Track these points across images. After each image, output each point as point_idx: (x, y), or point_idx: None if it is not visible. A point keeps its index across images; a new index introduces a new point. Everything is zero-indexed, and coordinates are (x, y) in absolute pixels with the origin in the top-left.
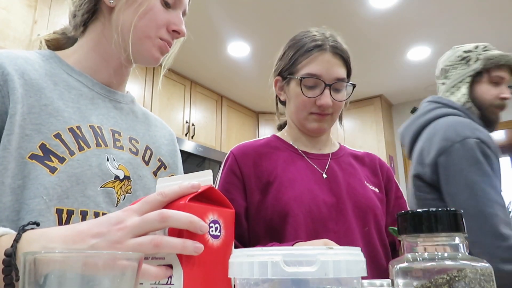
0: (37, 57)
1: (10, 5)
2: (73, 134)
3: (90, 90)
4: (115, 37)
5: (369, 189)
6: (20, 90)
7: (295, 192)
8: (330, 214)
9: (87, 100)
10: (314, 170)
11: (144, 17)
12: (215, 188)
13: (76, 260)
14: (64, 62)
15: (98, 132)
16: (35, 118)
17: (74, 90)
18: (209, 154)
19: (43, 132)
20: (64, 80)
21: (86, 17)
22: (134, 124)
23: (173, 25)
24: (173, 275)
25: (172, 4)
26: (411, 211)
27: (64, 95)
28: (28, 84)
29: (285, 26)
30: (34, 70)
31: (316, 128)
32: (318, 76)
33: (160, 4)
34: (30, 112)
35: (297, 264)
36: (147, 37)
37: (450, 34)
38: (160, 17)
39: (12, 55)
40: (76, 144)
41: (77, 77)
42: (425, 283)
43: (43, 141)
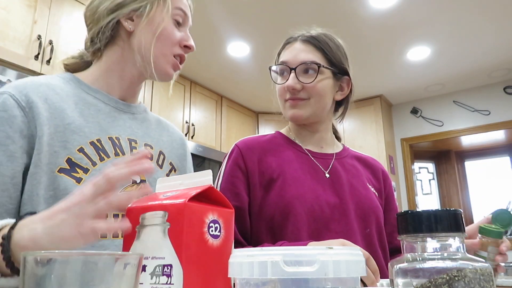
0: (58, 81)
1: (10, 5)
2: (94, 147)
3: (107, 105)
4: (137, 58)
5: (371, 191)
6: (45, 114)
7: (298, 190)
8: (332, 214)
9: (105, 114)
10: (317, 169)
11: (161, 37)
12: (215, 188)
13: (76, 260)
14: (82, 82)
15: (116, 142)
16: (60, 137)
17: (93, 106)
18: (209, 154)
19: (68, 148)
20: (83, 98)
21: (105, 43)
22: (148, 131)
23: (185, 41)
24: (173, 275)
25: (182, 23)
26: (411, 211)
27: (84, 112)
28: (52, 107)
29: (285, 26)
30: (56, 94)
31: (291, 114)
32: (284, 62)
33: (172, 25)
34: (56, 132)
35: (297, 264)
36: (163, 55)
37: (450, 34)
38: (174, 36)
39: (36, 83)
40: (97, 155)
41: (94, 95)
42: (425, 283)
43: (69, 156)
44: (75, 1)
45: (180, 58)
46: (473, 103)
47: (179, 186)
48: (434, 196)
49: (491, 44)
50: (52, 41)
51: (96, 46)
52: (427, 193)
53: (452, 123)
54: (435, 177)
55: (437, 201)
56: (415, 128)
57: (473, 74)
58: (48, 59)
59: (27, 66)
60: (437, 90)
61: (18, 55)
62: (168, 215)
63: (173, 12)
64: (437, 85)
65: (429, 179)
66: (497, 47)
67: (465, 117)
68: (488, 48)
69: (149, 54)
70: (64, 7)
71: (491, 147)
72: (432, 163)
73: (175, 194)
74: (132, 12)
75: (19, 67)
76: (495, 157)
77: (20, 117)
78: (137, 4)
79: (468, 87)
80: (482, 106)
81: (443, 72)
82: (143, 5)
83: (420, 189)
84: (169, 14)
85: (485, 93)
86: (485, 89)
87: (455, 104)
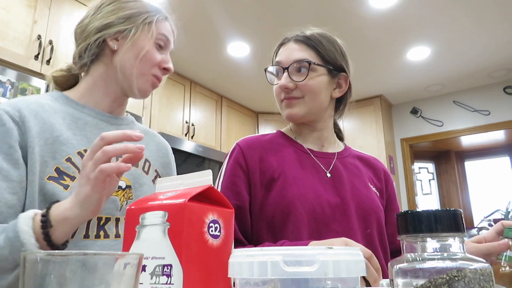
0: (48, 99)
1: (10, 5)
2: (81, 156)
3: (94, 118)
4: (118, 75)
5: (372, 190)
6: (36, 128)
7: (299, 190)
8: (333, 214)
9: (92, 127)
10: (318, 169)
11: (143, 59)
12: (215, 188)
13: (76, 260)
14: (70, 99)
15: None
16: (50, 148)
17: (80, 120)
18: (209, 154)
19: (57, 158)
20: (70, 114)
21: (92, 59)
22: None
23: (164, 63)
24: (173, 275)
25: (164, 46)
26: (411, 211)
27: (71, 126)
28: (41, 122)
29: (285, 26)
30: (45, 111)
31: (287, 114)
32: (278, 62)
33: (154, 48)
34: (45, 144)
35: (297, 264)
36: (143, 75)
37: (450, 34)
38: (154, 58)
39: (27, 101)
40: None
41: (82, 109)
42: (425, 283)
43: (57, 165)
44: (75, 1)
45: (158, 78)
46: (473, 103)
47: (179, 186)
48: (434, 196)
49: (491, 44)
50: (52, 41)
51: (83, 61)
52: (427, 193)
53: (452, 123)
54: (435, 177)
55: (437, 201)
56: (415, 128)
57: (473, 74)
58: (48, 59)
59: (27, 66)
60: (437, 90)
61: (18, 55)
62: (168, 215)
63: (156, 37)
64: (437, 85)
65: (429, 179)
66: (497, 47)
67: (465, 117)
68: (488, 48)
69: (130, 73)
70: (64, 7)
71: (491, 147)
72: (432, 163)
73: (175, 194)
74: (118, 33)
75: (19, 67)
76: (495, 157)
77: (16, 130)
78: (123, 26)
79: (468, 87)
80: (482, 106)
81: (443, 72)
82: (128, 28)
83: (420, 189)
84: (152, 39)
85: (485, 93)
86: (485, 89)
87: (455, 104)
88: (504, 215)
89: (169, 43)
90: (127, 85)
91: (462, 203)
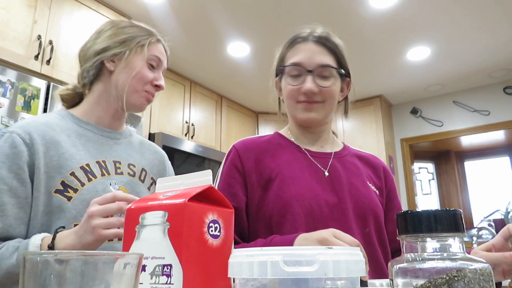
0: (56, 118)
1: (10, 5)
2: (83, 170)
3: (95, 134)
4: (113, 92)
5: (371, 189)
6: (42, 148)
7: (297, 190)
8: (331, 213)
9: (93, 142)
10: (316, 169)
11: (135, 77)
12: (215, 188)
13: (76, 260)
14: (75, 117)
15: (103, 165)
16: (56, 164)
17: (83, 137)
18: (208, 154)
19: (62, 172)
20: (75, 131)
21: (92, 78)
22: (131, 152)
23: (156, 81)
24: (173, 275)
25: (156, 66)
26: (411, 211)
27: (75, 143)
28: (48, 142)
29: (285, 26)
30: (52, 130)
31: (306, 117)
32: (299, 63)
33: (146, 68)
34: (51, 161)
35: (297, 264)
36: (136, 91)
37: (450, 34)
38: (146, 76)
39: (36, 123)
40: (86, 177)
41: (85, 126)
42: (425, 283)
43: (63, 179)
44: (75, 1)
45: (151, 94)
46: (473, 103)
47: (179, 186)
48: (434, 196)
49: (491, 44)
50: (52, 41)
51: (85, 81)
52: (427, 193)
53: (452, 123)
54: (435, 177)
55: (437, 201)
56: (415, 128)
57: (473, 74)
58: (48, 59)
59: (27, 66)
60: (437, 90)
61: (18, 55)
62: (168, 215)
63: (148, 58)
64: (437, 85)
65: (429, 179)
66: (497, 47)
67: (465, 117)
68: (488, 48)
69: (123, 90)
70: (64, 7)
71: (490, 147)
72: (432, 163)
73: (175, 194)
74: (114, 56)
75: (19, 67)
76: (495, 157)
77: (26, 152)
78: (118, 49)
79: (468, 87)
80: (482, 106)
81: (443, 72)
82: (123, 50)
83: (420, 189)
84: (144, 60)
85: (485, 93)
86: (485, 89)
87: (455, 104)
88: (504, 215)
89: (161, 63)
90: (122, 101)
91: (462, 203)
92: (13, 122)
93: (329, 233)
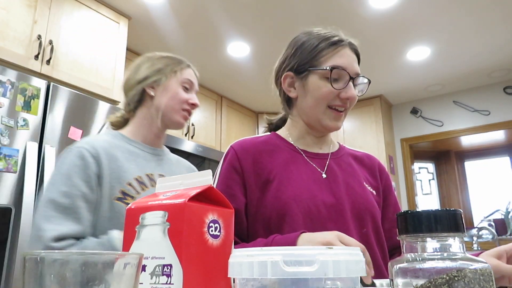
0: (110, 137)
1: (10, 5)
2: (137, 181)
3: (142, 151)
4: (155, 114)
5: (367, 190)
6: (105, 161)
7: (295, 191)
8: (329, 214)
9: (141, 158)
10: (313, 170)
11: (173, 98)
12: (215, 188)
13: (76, 260)
14: (125, 137)
15: (151, 177)
16: (116, 175)
17: (133, 153)
18: (209, 154)
19: (121, 183)
20: (126, 148)
21: (137, 105)
22: (171, 168)
23: (191, 100)
24: (173, 275)
25: (189, 88)
26: (411, 211)
27: (128, 158)
28: (109, 156)
29: (285, 26)
30: (110, 147)
31: (334, 126)
32: (344, 68)
33: (181, 89)
34: (113, 172)
35: (297, 264)
36: (174, 111)
37: (450, 34)
38: (182, 97)
39: (99, 140)
40: (139, 187)
41: (134, 144)
42: (425, 283)
43: (122, 189)
44: (75, 1)
45: (188, 112)
46: (473, 103)
47: (179, 186)
48: (434, 196)
49: (491, 44)
50: (52, 41)
51: (130, 107)
52: (427, 193)
53: (452, 123)
54: (435, 177)
55: (437, 201)
56: (415, 128)
57: (473, 74)
58: (48, 59)
59: (27, 66)
60: (437, 90)
61: (18, 55)
62: (168, 215)
63: (182, 81)
64: (437, 85)
65: (429, 179)
66: (497, 47)
67: (465, 117)
68: (488, 48)
69: (164, 110)
70: (64, 7)
71: (491, 147)
72: (432, 163)
73: (175, 194)
74: (153, 83)
75: (19, 67)
76: (495, 157)
77: (93, 163)
78: (156, 77)
79: (468, 87)
80: (482, 106)
81: (443, 72)
82: (160, 77)
83: (420, 189)
84: (178, 83)
85: (485, 93)
86: (485, 89)
87: (455, 104)
88: (504, 215)
89: (193, 84)
90: (163, 120)
91: (462, 203)
92: (13, 122)
93: (333, 236)
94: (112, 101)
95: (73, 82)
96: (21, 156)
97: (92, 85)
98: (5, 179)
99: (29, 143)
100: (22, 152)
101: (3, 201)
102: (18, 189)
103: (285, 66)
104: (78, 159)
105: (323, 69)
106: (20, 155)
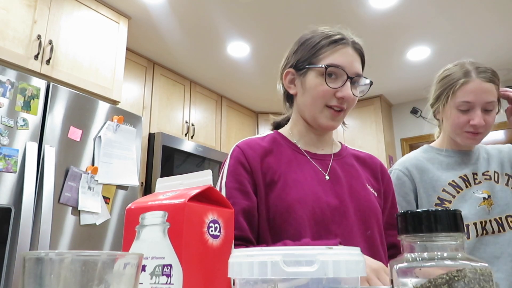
0: (419, 153)
1: (10, 5)
2: (452, 186)
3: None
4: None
5: (370, 191)
6: (418, 176)
7: (299, 193)
8: (333, 216)
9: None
10: (317, 171)
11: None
12: (215, 188)
13: (76, 260)
14: (434, 148)
15: (465, 178)
16: (429, 185)
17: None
18: (208, 154)
19: (436, 190)
20: (437, 158)
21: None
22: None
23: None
24: (173, 275)
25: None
26: (411, 211)
27: (439, 168)
28: (421, 170)
29: (285, 26)
30: (418, 161)
31: (331, 125)
32: (342, 67)
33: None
34: (426, 184)
35: (297, 264)
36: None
37: (450, 34)
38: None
39: (410, 158)
40: (454, 190)
41: (440, 153)
42: (425, 283)
43: (438, 195)
44: (75, 1)
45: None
46: None
47: (179, 186)
48: None
49: (491, 44)
50: (52, 41)
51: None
52: None
53: None
54: None
55: None
56: (415, 128)
57: None
58: (48, 59)
59: (27, 66)
60: None
61: (18, 55)
62: (168, 215)
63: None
64: None
65: None
66: (497, 47)
67: None
68: (488, 49)
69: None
70: (64, 7)
71: None
72: None
73: (175, 194)
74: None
75: (19, 67)
76: None
77: (407, 182)
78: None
79: None
80: None
81: None
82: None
83: None
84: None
85: None
86: None
87: None
88: None
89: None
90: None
91: None
92: (13, 122)
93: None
94: (112, 101)
95: (73, 82)
96: (21, 156)
97: (92, 85)
98: (4, 179)
99: (29, 143)
100: (21, 152)
101: (3, 201)
102: (18, 189)
103: (287, 62)
104: (395, 179)
105: (319, 66)
106: (20, 155)
